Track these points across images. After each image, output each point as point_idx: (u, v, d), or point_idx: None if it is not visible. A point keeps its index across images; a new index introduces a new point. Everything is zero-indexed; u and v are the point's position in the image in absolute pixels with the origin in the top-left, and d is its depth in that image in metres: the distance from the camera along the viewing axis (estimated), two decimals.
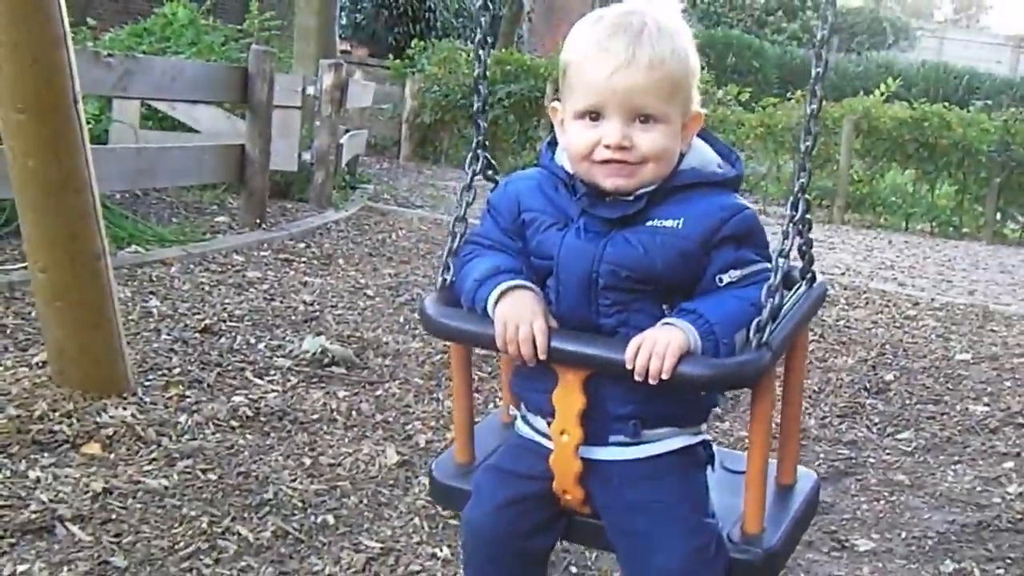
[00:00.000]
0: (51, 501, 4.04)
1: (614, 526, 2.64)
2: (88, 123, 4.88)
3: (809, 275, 2.75)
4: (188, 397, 5.26)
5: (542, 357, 2.48)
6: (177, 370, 5.60)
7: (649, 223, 2.53)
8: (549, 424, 2.59)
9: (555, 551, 3.02)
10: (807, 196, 2.54)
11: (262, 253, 8.98)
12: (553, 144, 2.72)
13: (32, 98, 4.55)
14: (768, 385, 2.52)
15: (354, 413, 5.38)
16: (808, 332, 2.87)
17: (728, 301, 2.47)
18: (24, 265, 6.30)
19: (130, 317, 6.27)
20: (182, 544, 3.91)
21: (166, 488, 4.29)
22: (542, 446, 2.66)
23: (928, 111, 18.32)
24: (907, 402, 6.66)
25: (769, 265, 2.48)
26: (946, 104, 19.53)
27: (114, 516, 4.03)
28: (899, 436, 6.03)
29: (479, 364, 5.97)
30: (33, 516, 3.91)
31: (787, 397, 2.88)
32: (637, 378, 2.38)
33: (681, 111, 2.56)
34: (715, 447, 2.76)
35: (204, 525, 4.05)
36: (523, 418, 2.78)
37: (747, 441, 2.77)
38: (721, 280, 2.50)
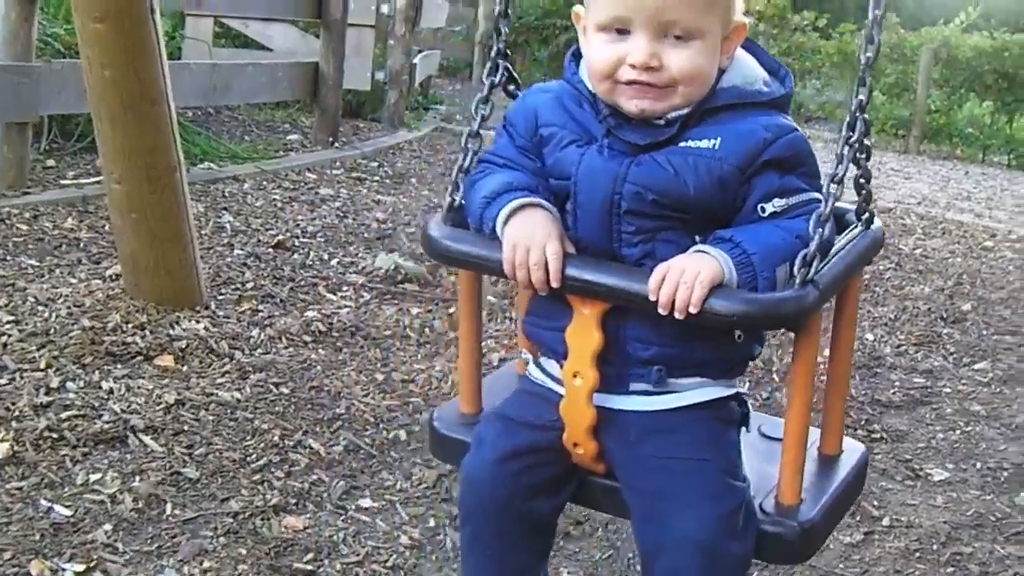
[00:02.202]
0: (124, 412, 4.06)
1: (628, 484, 2.34)
2: None
3: (866, 215, 2.44)
4: (261, 311, 5.28)
5: (555, 285, 2.18)
6: (250, 285, 5.62)
7: (682, 144, 2.22)
8: (563, 367, 2.30)
9: None
10: (866, 116, 2.19)
11: (334, 171, 8.97)
12: (578, 55, 2.37)
13: (111, 6, 4.53)
14: (813, 332, 2.20)
15: (427, 330, 5.38)
16: (861, 282, 2.53)
17: (770, 231, 2.16)
18: (98, 180, 6.32)
19: (203, 232, 6.29)
20: (254, 456, 3.93)
21: (238, 401, 4.30)
22: (553, 392, 2.38)
23: (1008, 41, 18.10)
24: (984, 332, 6.59)
25: (820, 196, 2.17)
26: None
27: (186, 427, 4.05)
28: (975, 366, 5.96)
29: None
30: (106, 426, 3.94)
31: (835, 355, 2.54)
32: (661, 311, 2.09)
33: (721, 22, 2.23)
34: (752, 409, 2.46)
35: (276, 438, 4.06)
36: (536, 363, 2.49)
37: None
38: (764, 210, 2.19)
